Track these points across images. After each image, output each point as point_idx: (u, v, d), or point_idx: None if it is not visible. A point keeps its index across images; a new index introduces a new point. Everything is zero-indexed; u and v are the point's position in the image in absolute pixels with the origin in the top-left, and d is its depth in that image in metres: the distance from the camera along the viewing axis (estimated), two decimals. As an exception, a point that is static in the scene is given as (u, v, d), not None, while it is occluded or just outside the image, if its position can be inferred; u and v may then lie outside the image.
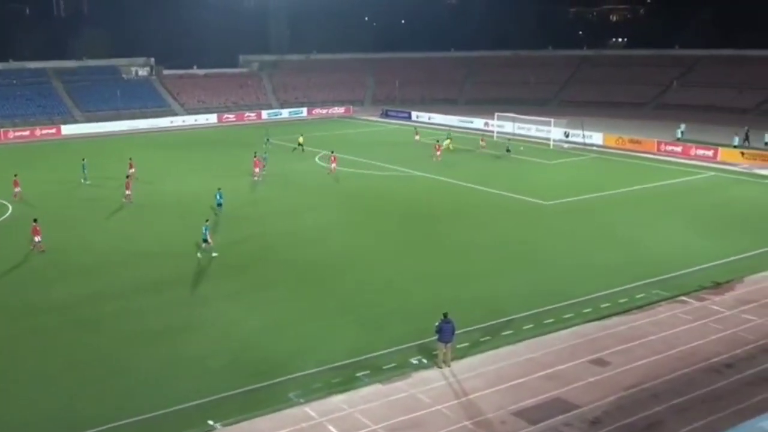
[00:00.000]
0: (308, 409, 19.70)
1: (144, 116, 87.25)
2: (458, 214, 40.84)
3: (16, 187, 45.24)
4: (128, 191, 44.12)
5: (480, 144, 63.18)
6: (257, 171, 50.71)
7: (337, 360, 22.45)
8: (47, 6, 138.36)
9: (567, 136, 67.34)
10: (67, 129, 79.27)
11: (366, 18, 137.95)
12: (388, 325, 25.20)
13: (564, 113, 75.93)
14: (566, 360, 22.37)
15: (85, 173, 50.40)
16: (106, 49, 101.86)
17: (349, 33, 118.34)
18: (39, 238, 33.82)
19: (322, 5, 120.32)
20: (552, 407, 19.69)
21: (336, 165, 52.29)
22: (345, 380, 21.25)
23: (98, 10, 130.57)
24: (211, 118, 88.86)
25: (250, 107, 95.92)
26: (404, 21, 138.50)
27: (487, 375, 21.50)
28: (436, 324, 21.83)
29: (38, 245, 33.90)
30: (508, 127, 72.34)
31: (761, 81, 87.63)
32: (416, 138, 67.83)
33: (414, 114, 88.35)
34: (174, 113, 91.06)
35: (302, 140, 63.76)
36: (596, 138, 66.24)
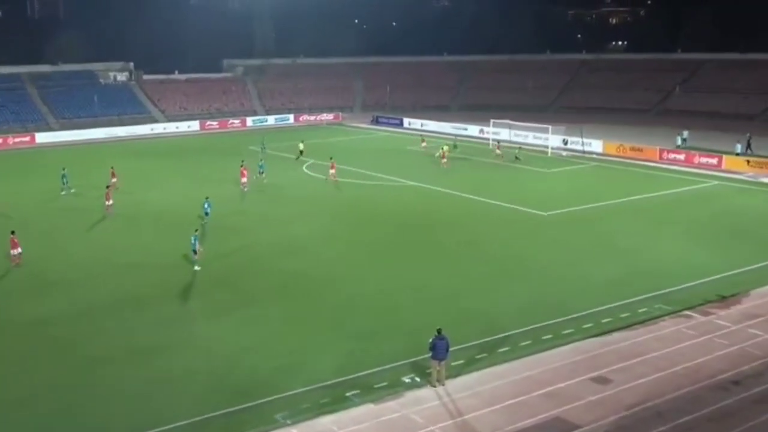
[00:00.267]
0: (296, 431, 19.64)
1: (122, 123, 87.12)
2: (453, 225, 40.93)
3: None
4: (109, 201, 44.06)
5: (496, 153, 63.36)
6: (244, 181, 50.70)
7: (326, 378, 22.40)
8: (21, 8, 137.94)
9: (566, 144, 67.67)
10: (42, 137, 78.99)
11: (355, 20, 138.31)
12: (380, 342, 25.17)
13: (562, 120, 76.24)
14: (566, 378, 22.39)
15: (66, 183, 50.34)
16: (83, 53, 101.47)
17: (338, 36, 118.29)
18: (18, 251, 33.72)
19: (310, 7, 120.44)
20: (551, 427, 19.70)
21: (335, 172, 52.81)
22: (334, 400, 21.19)
23: (75, 12, 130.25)
24: (194, 125, 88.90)
25: (234, 114, 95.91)
26: (395, 23, 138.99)
27: (483, 394, 21.49)
28: (430, 341, 21.86)
29: (16, 258, 33.77)
30: (504, 135, 72.65)
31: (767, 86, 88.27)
32: (423, 145, 68.05)
33: (406, 121, 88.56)
34: (154, 120, 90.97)
35: (303, 147, 63.98)
36: (596, 145, 66.62)
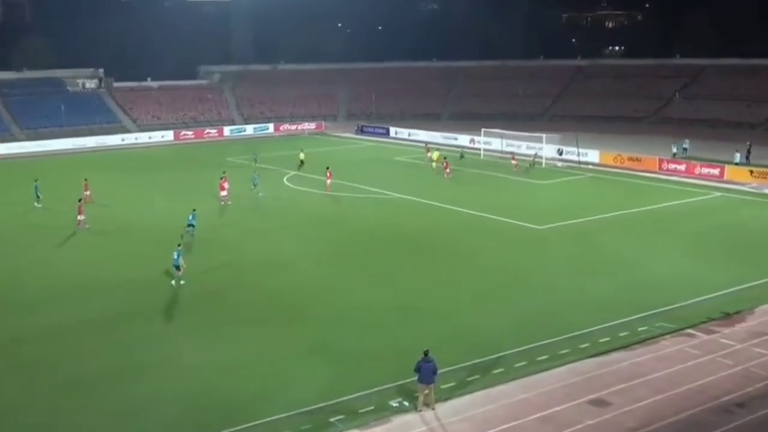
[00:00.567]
0: (276, 459, 19.59)
1: (92, 133, 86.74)
2: (443, 240, 40.99)
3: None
4: (81, 216, 43.81)
5: (513, 163, 63.43)
6: (224, 194, 50.52)
7: (309, 403, 22.27)
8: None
9: (561, 154, 67.98)
10: (5, 148, 78.31)
11: (339, 24, 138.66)
12: (366, 364, 25.09)
13: (557, 129, 76.60)
14: (562, 401, 22.38)
15: (38, 195, 50.02)
16: (50, 59, 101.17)
17: (321, 41, 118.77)
18: None
19: (291, 10, 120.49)
20: (547, 453, 19.71)
21: (331, 182, 53.44)
22: (317, 426, 21.09)
23: (41, 16, 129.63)
24: (167, 135, 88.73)
25: (211, 123, 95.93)
26: (381, 28, 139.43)
27: (475, 418, 21.45)
28: (416, 363, 21.80)
29: None
30: (496, 144, 72.97)
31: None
32: (428, 155, 68.01)
33: (393, 130, 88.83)
34: (126, 130, 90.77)
35: (303, 157, 64.12)
36: (592, 155, 67.05)
